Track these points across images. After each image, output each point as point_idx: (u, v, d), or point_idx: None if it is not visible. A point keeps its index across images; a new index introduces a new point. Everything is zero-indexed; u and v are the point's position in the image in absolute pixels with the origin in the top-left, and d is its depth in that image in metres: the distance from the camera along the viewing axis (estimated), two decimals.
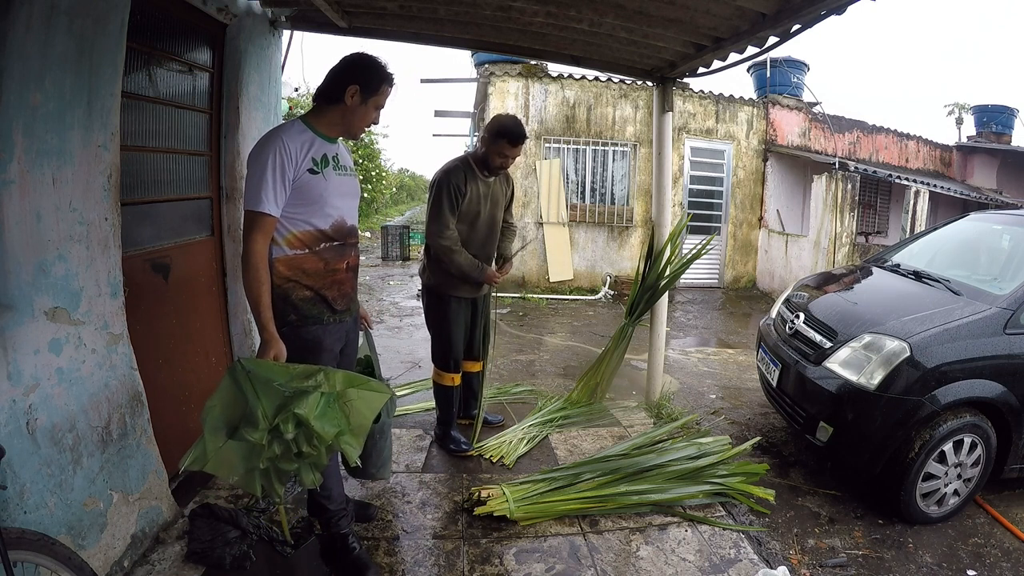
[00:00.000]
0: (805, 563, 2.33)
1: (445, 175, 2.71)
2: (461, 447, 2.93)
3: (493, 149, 2.71)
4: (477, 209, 2.77)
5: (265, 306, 1.72)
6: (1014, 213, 3.58)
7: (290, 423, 1.58)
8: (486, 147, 2.74)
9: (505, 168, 2.81)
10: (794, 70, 8.81)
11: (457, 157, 2.86)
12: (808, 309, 3.15)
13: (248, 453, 1.60)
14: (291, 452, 1.62)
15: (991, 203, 8.64)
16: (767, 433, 3.52)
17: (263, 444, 1.58)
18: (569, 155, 7.98)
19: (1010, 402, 2.53)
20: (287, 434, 1.58)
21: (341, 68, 1.81)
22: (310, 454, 1.63)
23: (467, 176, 2.72)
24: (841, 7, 2.18)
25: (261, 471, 1.62)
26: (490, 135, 2.72)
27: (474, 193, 2.74)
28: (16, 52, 1.52)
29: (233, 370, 1.64)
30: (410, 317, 6.06)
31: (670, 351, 5.07)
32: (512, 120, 2.74)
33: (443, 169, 2.76)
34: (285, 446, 1.60)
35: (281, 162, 1.70)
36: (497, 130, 2.70)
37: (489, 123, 2.79)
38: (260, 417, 1.58)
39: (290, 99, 11.02)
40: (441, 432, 3.01)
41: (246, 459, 1.60)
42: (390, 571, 2.08)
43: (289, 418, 1.58)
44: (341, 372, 1.73)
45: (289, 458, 1.62)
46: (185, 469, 1.60)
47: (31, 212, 1.61)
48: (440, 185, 2.69)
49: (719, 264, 8.80)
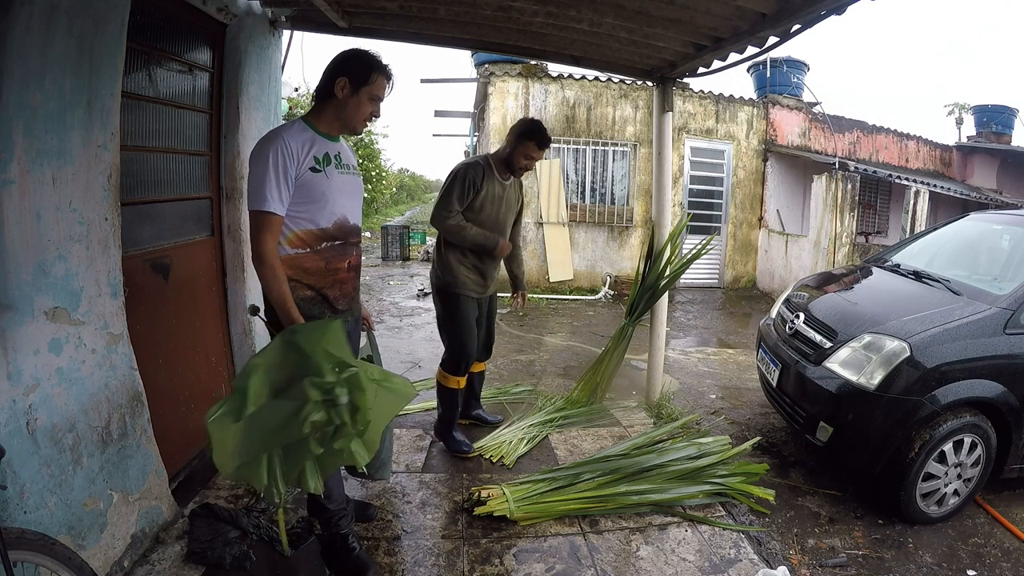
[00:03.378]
0: (805, 563, 2.33)
1: (464, 167, 2.74)
2: (463, 449, 2.93)
3: (520, 150, 2.76)
4: (490, 209, 2.78)
5: (291, 302, 1.72)
6: (1014, 213, 3.58)
7: (345, 388, 1.57)
8: (511, 147, 2.78)
9: (528, 170, 2.86)
10: (794, 70, 8.81)
11: (478, 155, 2.90)
12: (808, 309, 3.15)
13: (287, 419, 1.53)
14: (331, 425, 1.57)
15: (991, 203, 8.63)
16: (767, 433, 3.52)
17: (317, 401, 1.53)
18: (569, 155, 7.98)
19: (1010, 402, 2.53)
20: (341, 398, 1.55)
21: (331, 64, 1.83)
22: (347, 433, 1.59)
23: (485, 174, 2.75)
24: (841, 7, 2.19)
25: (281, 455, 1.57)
26: (517, 135, 2.76)
27: (489, 192, 2.76)
28: (16, 52, 1.52)
29: (284, 335, 1.61)
30: (410, 317, 6.06)
31: (670, 351, 5.07)
32: (539, 123, 2.79)
33: (463, 163, 2.79)
34: (329, 416, 1.56)
35: (283, 161, 1.70)
36: (525, 131, 2.75)
37: (516, 125, 2.83)
38: (328, 372, 1.55)
39: (290, 99, 11.01)
40: (443, 433, 3.00)
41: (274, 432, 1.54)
42: (390, 571, 2.08)
43: (345, 383, 1.57)
44: (377, 367, 1.75)
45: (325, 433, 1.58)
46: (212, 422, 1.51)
47: (31, 212, 1.61)
48: (456, 175, 2.72)
49: (719, 264, 8.79)
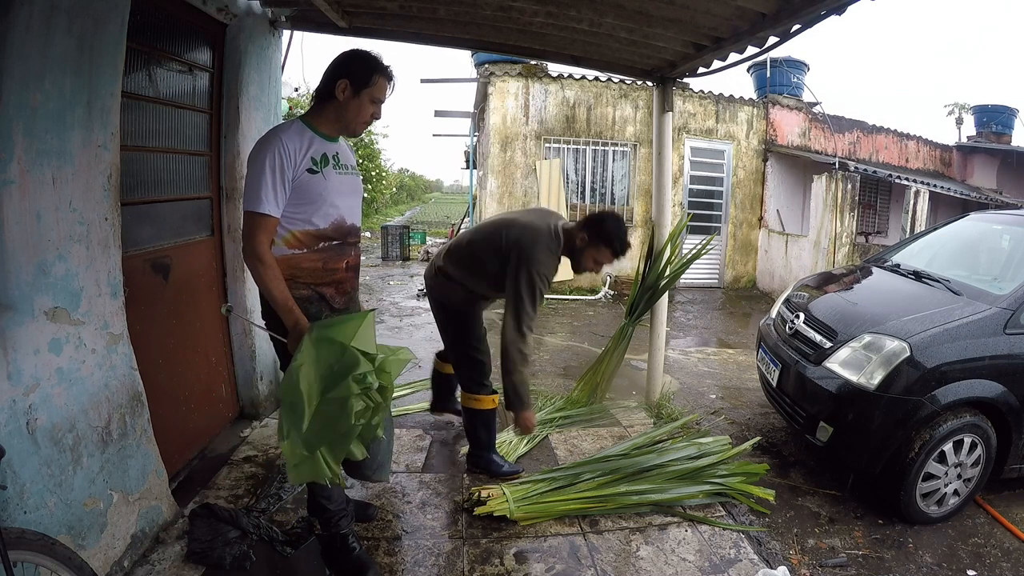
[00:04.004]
0: (805, 563, 2.33)
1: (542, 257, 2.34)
2: (517, 470, 2.69)
3: (591, 253, 2.44)
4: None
5: (291, 300, 1.74)
6: (1014, 213, 3.58)
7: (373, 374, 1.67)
8: (584, 245, 2.44)
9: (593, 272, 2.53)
10: (794, 70, 8.81)
11: (552, 226, 2.44)
12: (808, 309, 3.15)
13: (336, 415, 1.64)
14: (369, 409, 1.69)
15: (991, 203, 8.63)
16: (767, 433, 3.52)
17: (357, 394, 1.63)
18: (569, 155, 7.98)
19: (1010, 402, 2.53)
20: (373, 384, 1.66)
21: (332, 65, 1.82)
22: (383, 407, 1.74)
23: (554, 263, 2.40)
24: (841, 7, 2.19)
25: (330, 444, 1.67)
26: (594, 236, 2.42)
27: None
28: (16, 52, 1.52)
29: (311, 332, 1.69)
30: (410, 317, 6.06)
31: (670, 351, 5.07)
32: (622, 227, 2.45)
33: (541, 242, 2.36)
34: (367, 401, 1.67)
35: (280, 162, 1.70)
36: (605, 236, 2.41)
37: (595, 221, 2.44)
38: (363, 362, 1.65)
39: (290, 99, 11.02)
40: (487, 460, 2.70)
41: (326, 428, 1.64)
42: (390, 571, 2.08)
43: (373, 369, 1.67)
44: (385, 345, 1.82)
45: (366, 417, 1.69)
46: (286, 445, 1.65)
47: (31, 212, 1.61)
48: (540, 273, 2.33)
49: (719, 264, 8.79)
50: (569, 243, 2.47)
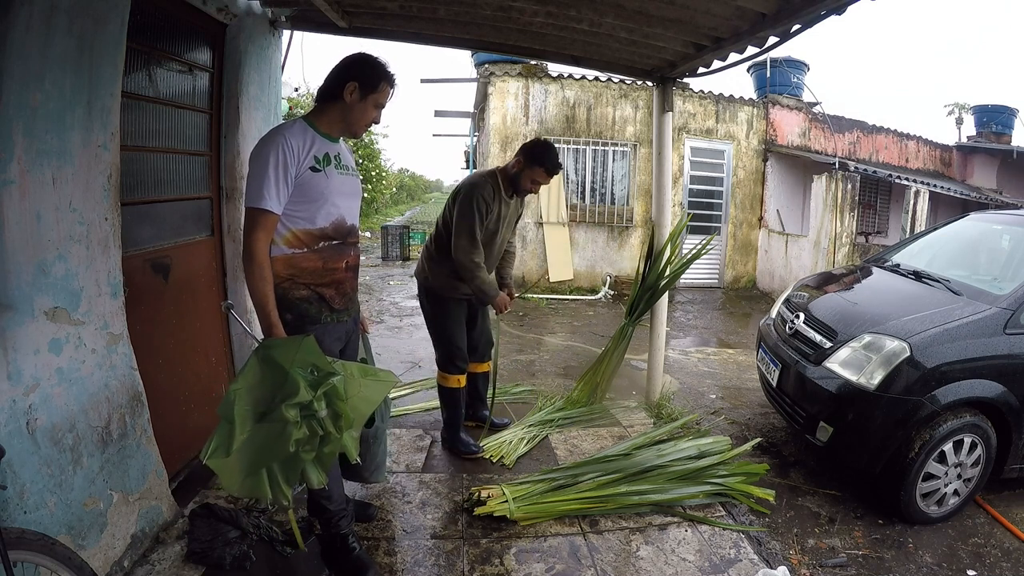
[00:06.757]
0: (805, 563, 2.33)
1: (474, 189, 2.65)
2: (471, 449, 2.91)
3: (528, 173, 2.70)
4: (494, 228, 2.74)
5: (272, 304, 1.72)
6: (1014, 213, 3.58)
7: (323, 401, 1.59)
8: (519, 169, 2.71)
9: (533, 193, 2.82)
10: (794, 70, 8.81)
11: (485, 171, 2.81)
12: (808, 309, 3.15)
13: (273, 440, 1.57)
14: (316, 436, 1.60)
15: (991, 203, 8.63)
16: (767, 433, 3.52)
17: (296, 422, 1.56)
18: (569, 155, 7.97)
19: (1010, 402, 2.53)
20: (320, 412, 1.58)
21: (341, 66, 1.82)
22: (334, 438, 1.63)
23: (494, 193, 2.69)
24: (841, 7, 2.19)
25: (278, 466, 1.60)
26: (527, 159, 2.69)
27: (496, 212, 2.70)
28: (16, 52, 1.52)
29: (259, 351, 1.63)
30: (410, 317, 6.06)
31: (670, 351, 5.07)
32: (551, 148, 2.74)
33: (471, 182, 2.71)
34: (312, 429, 1.59)
35: (284, 159, 1.70)
36: (536, 155, 2.68)
37: (527, 145, 2.75)
38: (303, 389, 1.56)
39: (290, 99, 11.03)
40: (449, 435, 2.95)
41: (265, 451, 1.57)
42: (390, 571, 2.08)
43: (322, 396, 1.59)
44: (355, 364, 1.76)
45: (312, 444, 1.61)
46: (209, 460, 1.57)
47: (31, 212, 1.60)
48: (471, 199, 2.63)
49: (719, 264, 8.79)
50: (508, 174, 2.76)
